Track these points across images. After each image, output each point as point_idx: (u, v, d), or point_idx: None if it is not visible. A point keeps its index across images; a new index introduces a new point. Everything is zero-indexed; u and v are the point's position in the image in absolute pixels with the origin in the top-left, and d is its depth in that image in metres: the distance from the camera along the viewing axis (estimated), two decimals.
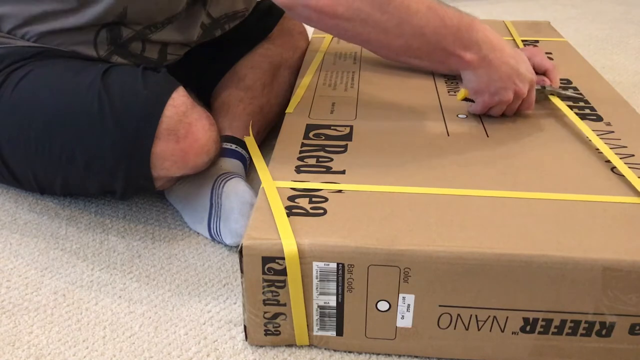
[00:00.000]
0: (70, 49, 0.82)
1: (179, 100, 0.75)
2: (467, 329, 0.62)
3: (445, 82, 0.97)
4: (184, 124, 0.74)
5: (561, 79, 0.99)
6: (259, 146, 0.90)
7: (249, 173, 0.95)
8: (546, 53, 1.11)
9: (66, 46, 0.82)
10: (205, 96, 1.06)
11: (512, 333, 0.61)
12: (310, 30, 1.25)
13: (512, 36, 1.20)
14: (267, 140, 1.04)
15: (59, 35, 0.81)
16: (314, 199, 0.66)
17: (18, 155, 0.80)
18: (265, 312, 0.63)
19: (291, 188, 0.68)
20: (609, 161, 0.74)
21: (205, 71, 1.07)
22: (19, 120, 0.77)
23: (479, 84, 0.79)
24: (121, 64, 0.84)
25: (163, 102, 0.73)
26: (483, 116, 0.85)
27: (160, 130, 0.73)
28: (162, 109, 0.73)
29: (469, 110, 0.86)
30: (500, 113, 0.84)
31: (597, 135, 0.80)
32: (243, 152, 0.92)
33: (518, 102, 0.82)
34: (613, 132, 0.81)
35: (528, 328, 0.61)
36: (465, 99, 0.84)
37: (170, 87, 0.76)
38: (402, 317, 0.62)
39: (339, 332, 0.64)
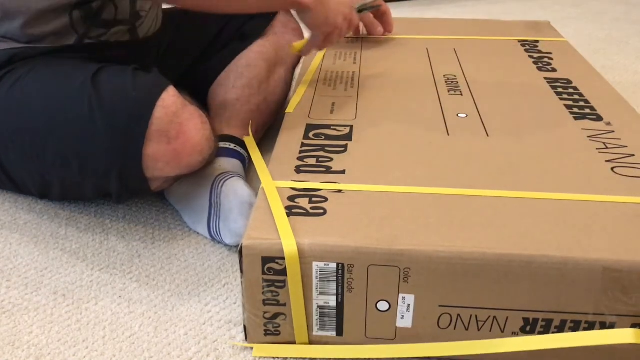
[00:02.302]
0: (55, 45, 0.83)
1: (169, 101, 0.74)
2: (467, 329, 0.62)
3: (446, 82, 0.97)
4: (175, 125, 0.74)
5: (561, 79, 0.99)
6: (257, 144, 0.90)
7: (249, 173, 0.95)
8: (546, 53, 1.11)
9: (50, 41, 0.82)
10: (200, 95, 1.06)
11: (512, 333, 0.61)
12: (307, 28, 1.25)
13: (510, 36, 1.21)
14: (267, 140, 1.04)
15: (36, 24, 0.81)
16: (314, 199, 0.66)
17: (15, 161, 0.80)
18: (265, 312, 0.63)
19: (291, 188, 0.68)
20: (609, 161, 0.74)
21: (200, 70, 1.07)
22: (12, 125, 0.78)
23: (317, 20, 0.88)
24: (108, 50, 0.86)
25: (152, 104, 0.73)
26: (483, 116, 0.85)
27: (150, 131, 0.72)
28: (152, 111, 0.72)
29: (305, 48, 0.95)
30: (336, 40, 0.94)
31: (597, 135, 0.80)
32: (242, 151, 0.92)
33: (347, 25, 0.94)
34: (613, 132, 0.81)
35: (528, 328, 0.61)
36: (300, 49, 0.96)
37: (160, 88, 0.75)
38: (402, 317, 0.62)
39: (339, 332, 0.64)
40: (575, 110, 0.87)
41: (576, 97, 0.92)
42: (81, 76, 0.76)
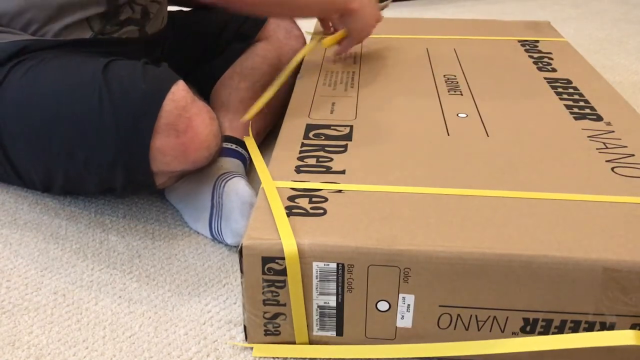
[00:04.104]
0: (68, 38, 0.83)
1: (179, 95, 0.74)
2: (467, 329, 0.62)
3: (445, 82, 0.97)
4: (183, 119, 0.74)
5: (561, 79, 0.99)
6: (258, 147, 0.90)
7: (249, 173, 0.95)
8: (546, 53, 1.11)
9: (64, 35, 0.83)
10: (202, 96, 1.06)
11: (512, 333, 0.61)
12: (305, 28, 1.25)
13: (509, 36, 1.21)
14: (267, 140, 1.04)
15: (56, 20, 0.82)
16: (314, 199, 0.66)
17: (21, 151, 0.81)
18: (265, 312, 0.63)
19: (291, 188, 0.68)
20: (609, 161, 0.74)
21: (201, 71, 1.07)
22: (21, 115, 0.78)
23: (363, 23, 0.96)
24: (117, 40, 0.87)
25: (162, 97, 0.73)
26: (483, 116, 0.85)
27: (159, 124, 0.72)
28: (161, 104, 0.73)
29: (340, 51, 1.04)
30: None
31: (597, 135, 0.80)
32: (243, 151, 0.92)
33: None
34: (613, 132, 0.81)
35: (528, 328, 0.61)
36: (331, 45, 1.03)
37: (170, 81, 0.75)
38: (402, 317, 0.62)
39: (339, 332, 0.64)
40: (575, 110, 0.87)
41: (576, 97, 0.92)
42: (92, 68, 0.76)
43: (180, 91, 0.75)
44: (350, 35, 0.99)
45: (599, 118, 0.85)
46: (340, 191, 0.67)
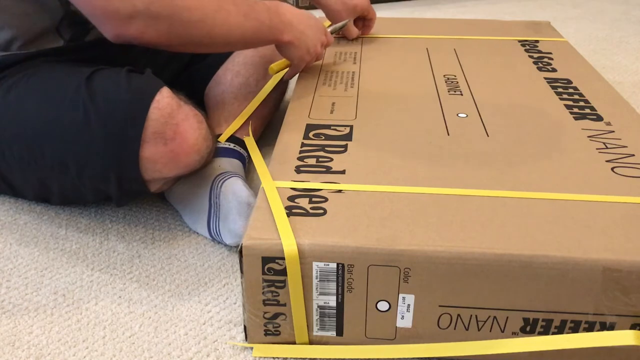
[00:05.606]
0: (41, 49, 0.82)
1: (164, 102, 0.74)
2: (467, 329, 0.62)
3: (445, 82, 0.97)
4: (170, 126, 0.73)
5: (561, 79, 0.99)
6: (257, 141, 0.90)
7: (249, 173, 0.95)
8: (546, 53, 1.11)
9: (35, 46, 0.82)
10: (197, 95, 1.05)
11: (512, 333, 0.61)
12: None
13: (510, 36, 1.21)
14: (267, 140, 1.04)
15: (26, 34, 0.81)
16: (314, 199, 0.66)
17: (13, 167, 0.80)
18: (265, 312, 0.63)
19: (291, 188, 0.68)
20: (609, 161, 0.74)
21: (195, 69, 1.06)
22: (9, 132, 0.78)
23: (300, 53, 0.92)
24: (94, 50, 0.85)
25: (147, 106, 0.73)
26: (483, 116, 0.85)
27: (146, 134, 0.72)
28: (146, 113, 0.72)
29: (286, 77, 1.02)
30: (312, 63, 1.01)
31: (597, 135, 0.80)
32: (241, 150, 0.92)
33: (324, 50, 1.01)
34: (613, 132, 0.81)
35: (528, 328, 0.61)
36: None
37: (154, 89, 0.75)
38: (402, 317, 0.62)
39: (339, 332, 0.64)
40: (575, 110, 0.87)
41: (576, 97, 0.92)
42: (75, 80, 0.75)
43: (164, 98, 0.74)
44: (292, 63, 0.96)
45: (599, 118, 0.85)
46: (340, 191, 0.67)
